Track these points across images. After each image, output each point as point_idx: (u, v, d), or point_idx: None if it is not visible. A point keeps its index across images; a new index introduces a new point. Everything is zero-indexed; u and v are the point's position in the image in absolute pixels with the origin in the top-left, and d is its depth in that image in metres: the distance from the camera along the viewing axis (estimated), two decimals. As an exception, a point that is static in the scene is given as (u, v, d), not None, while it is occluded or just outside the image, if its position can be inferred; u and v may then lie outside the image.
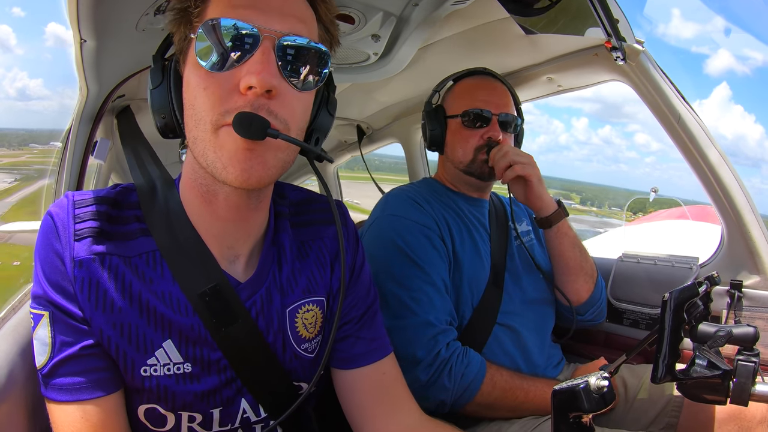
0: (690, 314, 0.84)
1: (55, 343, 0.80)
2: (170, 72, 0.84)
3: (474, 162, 1.62)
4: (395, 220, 1.51)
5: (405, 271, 1.42)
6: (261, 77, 0.74)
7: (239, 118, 0.74)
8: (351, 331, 1.03)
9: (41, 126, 68.13)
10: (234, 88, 0.76)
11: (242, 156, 0.76)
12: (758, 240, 1.55)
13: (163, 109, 0.83)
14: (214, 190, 0.85)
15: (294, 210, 1.02)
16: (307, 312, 0.96)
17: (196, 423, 0.89)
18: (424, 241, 1.46)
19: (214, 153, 0.77)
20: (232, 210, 0.87)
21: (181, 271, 0.85)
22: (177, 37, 0.84)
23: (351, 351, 1.03)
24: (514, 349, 1.54)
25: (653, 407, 1.42)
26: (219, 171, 0.78)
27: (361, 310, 1.05)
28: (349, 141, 2.96)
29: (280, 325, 0.93)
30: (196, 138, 0.79)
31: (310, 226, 1.02)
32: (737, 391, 0.80)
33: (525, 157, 1.54)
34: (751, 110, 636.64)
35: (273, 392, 0.93)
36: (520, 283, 1.62)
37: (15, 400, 0.87)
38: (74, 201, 0.85)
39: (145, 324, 0.83)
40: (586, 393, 0.77)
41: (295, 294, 0.95)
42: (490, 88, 1.65)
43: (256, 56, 0.75)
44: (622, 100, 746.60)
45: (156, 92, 0.84)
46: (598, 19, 1.30)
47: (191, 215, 0.88)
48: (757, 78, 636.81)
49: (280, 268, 0.95)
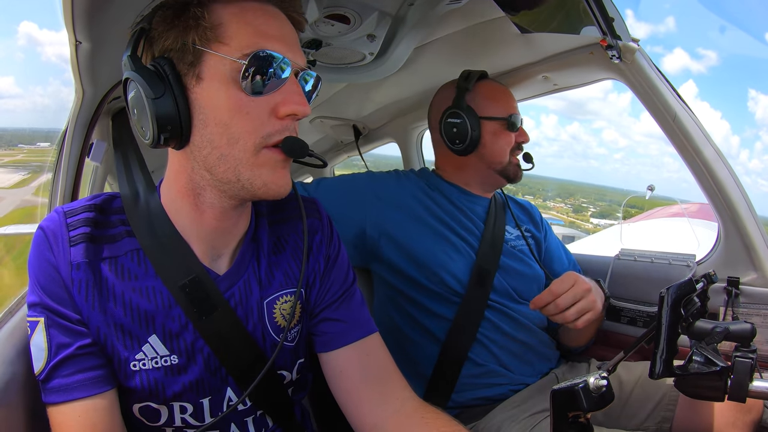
0: (687, 311, 0.85)
1: (51, 347, 0.84)
2: (169, 79, 0.81)
3: (510, 163, 1.70)
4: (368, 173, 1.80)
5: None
6: (305, 108, 0.85)
7: (291, 142, 0.85)
8: (328, 314, 1.08)
9: (14, 125, 68.14)
10: (271, 113, 0.84)
11: (282, 173, 0.87)
12: (755, 236, 1.56)
13: (170, 121, 0.82)
14: (209, 202, 0.91)
15: (271, 208, 1.07)
16: (285, 303, 1.01)
17: (188, 414, 0.93)
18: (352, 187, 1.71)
19: (250, 171, 0.85)
20: (223, 218, 0.93)
21: (162, 266, 0.90)
22: (170, 39, 0.82)
23: (330, 332, 1.07)
24: (500, 351, 1.57)
25: (649, 402, 1.43)
26: (257, 187, 0.86)
27: (338, 293, 1.09)
28: (345, 141, 2.96)
29: (259, 315, 0.98)
30: (224, 155, 0.84)
31: (287, 222, 1.07)
32: (735, 388, 0.80)
33: (590, 299, 1.40)
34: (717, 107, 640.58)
35: (255, 379, 0.96)
36: (513, 283, 1.64)
37: (13, 404, 0.88)
38: (65, 212, 0.90)
39: (130, 322, 0.88)
40: (585, 393, 0.77)
41: (272, 286, 1.01)
42: (509, 93, 1.74)
43: (290, 86, 0.85)
44: (586, 99, 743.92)
45: (158, 102, 0.81)
46: (594, 17, 1.31)
47: (174, 218, 0.92)
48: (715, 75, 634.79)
49: (259, 262, 1.00)
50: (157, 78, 0.81)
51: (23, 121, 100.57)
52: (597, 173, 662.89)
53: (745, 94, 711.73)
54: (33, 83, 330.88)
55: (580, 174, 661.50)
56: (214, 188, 0.88)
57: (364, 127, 2.74)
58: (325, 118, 2.62)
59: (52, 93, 66.18)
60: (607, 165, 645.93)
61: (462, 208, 1.70)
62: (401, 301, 1.65)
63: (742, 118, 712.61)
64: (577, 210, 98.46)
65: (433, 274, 1.58)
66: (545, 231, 1.89)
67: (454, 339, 1.56)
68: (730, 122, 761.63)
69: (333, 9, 1.41)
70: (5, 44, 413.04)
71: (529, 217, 1.88)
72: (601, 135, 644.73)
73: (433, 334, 1.60)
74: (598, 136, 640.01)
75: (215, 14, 0.82)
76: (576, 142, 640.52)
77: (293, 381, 1.05)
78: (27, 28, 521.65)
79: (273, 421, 1.05)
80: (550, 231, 1.91)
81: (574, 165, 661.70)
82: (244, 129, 0.82)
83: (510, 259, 1.67)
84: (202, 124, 0.83)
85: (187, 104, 0.82)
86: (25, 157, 12.16)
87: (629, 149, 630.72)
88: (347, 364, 1.05)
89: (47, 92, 65.29)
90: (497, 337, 1.57)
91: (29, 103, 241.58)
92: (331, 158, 3.17)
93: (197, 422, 0.94)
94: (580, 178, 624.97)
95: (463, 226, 1.66)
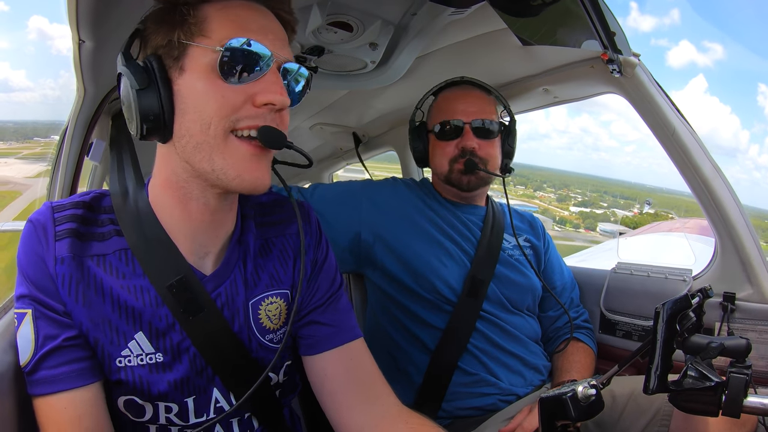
0: (682, 326, 0.85)
1: (38, 338, 0.85)
2: (155, 72, 0.84)
3: (451, 172, 1.68)
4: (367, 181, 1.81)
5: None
6: (282, 97, 0.85)
7: (265, 131, 0.85)
8: (314, 317, 1.08)
9: (27, 118, 68.32)
10: (246, 100, 0.84)
11: (255, 164, 0.86)
12: (751, 252, 1.56)
13: (152, 112, 0.84)
14: (191, 193, 0.91)
15: (259, 211, 1.08)
16: (271, 304, 1.02)
17: (173, 414, 0.94)
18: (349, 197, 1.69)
19: (223, 159, 0.85)
20: (207, 212, 0.94)
21: (149, 265, 0.91)
22: (159, 37, 0.85)
23: (315, 336, 1.07)
24: (490, 360, 1.57)
25: (643, 417, 1.42)
26: (230, 178, 0.86)
27: (324, 297, 1.10)
28: (344, 148, 2.96)
29: (245, 316, 0.99)
30: (200, 143, 0.84)
31: (275, 226, 1.08)
32: (729, 403, 0.80)
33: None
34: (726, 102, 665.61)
35: (242, 380, 0.97)
36: (507, 292, 1.64)
37: (3, 397, 0.89)
38: (53, 207, 0.91)
39: (117, 318, 0.89)
40: (573, 401, 0.77)
41: (258, 288, 1.01)
42: (463, 97, 1.70)
43: (270, 77, 0.86)
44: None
45: (143, 93, 0.83)
46: (595, 31, 1.31)
47: (162, 216, 0.94)
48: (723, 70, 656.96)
49: (245, 264, 1.01)
50: (144, 72, 0.84)
51: (35, 113, 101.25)
52: (608, 166, 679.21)
53: (755, 89, 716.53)
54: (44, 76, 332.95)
55: (591, 167, 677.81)
56: (195, 179, 0.89)
57: (363, 135, 2.75)
58: (325, 124, 2.63)
59: (63, 85, 66.34)
60: (618, 158, 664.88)
61: (459, 215, 1.71)
62: (393, 309, 1.65)
63: (752, 114, 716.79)
64: (562, 199, 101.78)
65: (426, 281, 1.58)
66: (547, 243, 1.88)
67: (445, 348, 1.56)
68: (740, 117, 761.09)
69: (336, 16, 1.41)
70: (16, 38, 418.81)
71: (530, 226, 1.88)
72: (610, 127, 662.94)
73: (424, 343, 1.60)
74: (608, 128, 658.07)
75: (201, 12, 0.84)
76: (586, 135, 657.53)
77: (280, 383, 1.06)
78: (37, 22, 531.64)
79: (259, 423, 1.05)
80: (551, 243, 1.91)
81: (585, 157, 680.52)
82: (216, 112, 0.83)
83: (506, 268, 1.67)
84: (181, 113, 0.85)
85: (170, 95, 0.84)
86: (43, 149, 12.39)
87: (640, 142, 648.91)
88: (331, 368, 1.06)
89: (58, 84, 66.86)
90: (487, 347, 1.57)
91: (40, 95, 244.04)
92: (330, 165, 3.17)
93: (181, 421, 0.94)
94: (589, 171, 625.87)
95: (459, 232, 1.67)
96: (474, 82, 1.74)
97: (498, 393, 1.54)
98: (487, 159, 1.66)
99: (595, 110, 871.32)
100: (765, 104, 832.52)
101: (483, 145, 1.65)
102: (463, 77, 1.75)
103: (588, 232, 78.41)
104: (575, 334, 1.72)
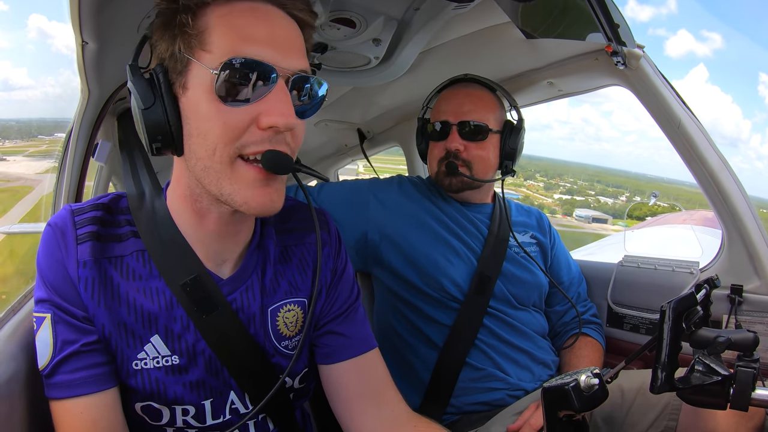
0: (689, 320, 0.84)
1: (57, 342, 0.85)
2: (161, 88, 0.81)
3: (438, 173, 1.68)
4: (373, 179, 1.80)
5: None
6: (287, 120, 0.80)
7: (269, 157, 0.80)
8: (332, 327, 1.08)
9: (28, 116, 68.83)
10: (251, 122, 0.80)
11: (262, 190, 0.83)
12: (759, 245, 1.55)
13: (159, 131, 0.81)
14: (207, 208, 0.90)
15: (278, 218, 1.06)
16: (288, 312, 1.02)
17: (191, 416, 0.94)
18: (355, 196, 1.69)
19: (231, 185, 0.82)
20: (222, 225, 0.93)
21: (164, 266, 0.91)
22: (163, 47, 0.82)
23: (331, 345, 1.08)
24: (498, 355, 1.57)
25: (651, 411, 1.42)
26: (238, 204, 0.83)
27: (343, 308, 1.10)
28: (349, 145, 2.95)
29: (261, 322, 0.98)
30: (207, 167, 0.82)
31: (294, 233, 1.08)
32: (737, 397, 0.79)
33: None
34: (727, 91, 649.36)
35: (258, 383, 0.97)
36: (513, 289, 1.64)
37: (15, 399, 0.89)
38: (73, 210, 0.91)
39: (133, 321, 0.89)
40: (576, 391, 0.76)
41: (277, 295, 1.01)
42: (458, 96, 1.68)
43: (276, 95, 0.80)
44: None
45: (149, 113, 0.81)
46: (599, 23, 1.30)
47: (179, 222, 0.93)
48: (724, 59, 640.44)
49: (264, 270, 1.00)
50: (149, 88, 0.81)
51: (37, 111, 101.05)
52: (609, 156, 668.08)
53: (756, 78, 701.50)
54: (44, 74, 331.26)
55: (593, 157, 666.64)
56: (208, 196, 0.88)
57: (368, 131, 2.74)
58: (330, 121, 2.62)
59: (64, 82, 67.32)
60: (620, 148, 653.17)
61: (465, 213, 1.71)
62: (401, 307, 1.66)
63: (753, 103, 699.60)
64: (550, 188, 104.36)
65: (433, 280, 1.58)
66: (554, 239, 1.88)
67: (453, 345, 1.56)
68: (742, 107, 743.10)
69: (339, 13, 1.41)
70: (17, 37, 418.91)
71: (536, 223, 1.88)
72: (611, 117, 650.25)
73: (432, 340, 1.60)
74: (609, 118, 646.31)
75: (202, 19, 0.80)
76: (587, 125, 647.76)
77: (295, 388, 1.06)
78: (37, 21, 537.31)
79: (274, 425, 1.05)
80: (558, 239, 1.90)
81: (587, 148, 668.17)
82: (220, 139, 0.79)
83: (513, 265, 1.67)
84: (188, 134, 0.82)
85: (177, 114, 0.82)
86: (48, 147, 12.53)
87: (640, 132, 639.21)
88: (345, 378, 1.07)
89: (59, 82, 66.75)
90: (495, 342, 1.57)
91: (41, 93, 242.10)
92: (335, 162, 3.17)
93: (199, 423, 0.95)
94: (592, 161, 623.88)
95: (466, 230, 1.67)
96: (478, 80, 1.71)
97: (506, 388, 1.55)
98: (472, 161, 1.62)
99: (596, 100, 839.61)
100: (766, 94, 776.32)
101: (469, 146, 1.62)
102: (467, 74, 1.73)
103: (564, 217, 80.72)
104: (584, 329, 1.72)
